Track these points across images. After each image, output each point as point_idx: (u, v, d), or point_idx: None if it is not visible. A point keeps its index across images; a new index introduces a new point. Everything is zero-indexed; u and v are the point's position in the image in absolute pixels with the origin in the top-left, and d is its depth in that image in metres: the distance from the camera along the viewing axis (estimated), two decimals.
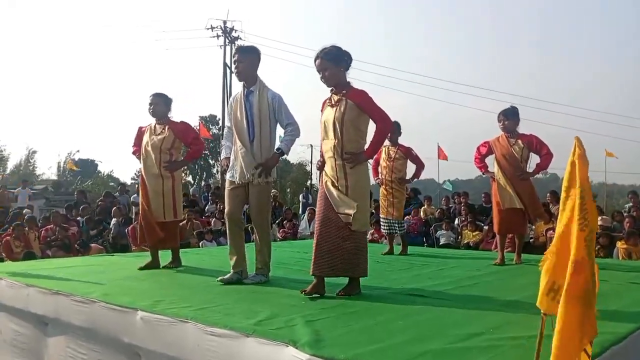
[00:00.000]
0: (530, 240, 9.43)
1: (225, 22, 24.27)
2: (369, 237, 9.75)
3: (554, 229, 8.93)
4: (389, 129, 3.67)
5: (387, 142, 6.21)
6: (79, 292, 3.58)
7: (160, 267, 4.82)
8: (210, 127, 36.87)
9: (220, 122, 27.63)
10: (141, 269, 4.71)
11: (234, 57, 4.06)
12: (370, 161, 4.23)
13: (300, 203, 15.27)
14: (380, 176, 6.35)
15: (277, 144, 4.02)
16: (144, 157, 4.79)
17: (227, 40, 24.17)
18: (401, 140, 6.33)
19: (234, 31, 24.16)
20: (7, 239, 7.65)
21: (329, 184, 3.49)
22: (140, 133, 4.94)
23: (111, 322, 3.27)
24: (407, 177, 6.38)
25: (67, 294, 3.60)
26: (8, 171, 41.90)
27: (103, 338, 3.34)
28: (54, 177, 40.80)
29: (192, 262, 5.24)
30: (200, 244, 9.64)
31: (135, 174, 36.60)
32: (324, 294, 3.44)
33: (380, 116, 3.47)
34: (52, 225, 8.90)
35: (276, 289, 3.78)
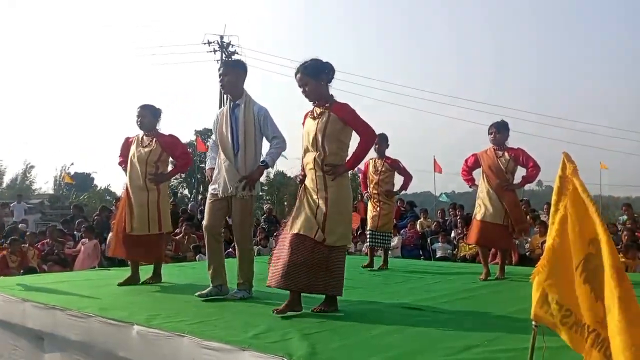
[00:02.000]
0: (527, 253, 9.46)
1: (222, 37, 24.47)
2: (364, 249, 9.77)
3: None
4: (373, 142, 3.60)
5: (374, 155, 6.21)
6: (75, 307, 3.57)
7: (140, 282, 4.72)
8: (207, 141, 36.89)
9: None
10: (120, 284, 4.60)
11: (219, 70, 4.02)
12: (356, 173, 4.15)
13: None
14: (368, 189, 6.29)
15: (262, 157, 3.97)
16: (130, 168, 4.72)
17: (223, 55, 24.32)
18: (397, 153, 6.38)
19: (230, 46, 24.36)
20: (3, 253, 7.61)
21: (308, 195, 3.43)
22: (127, 144, 4.87)
23: (107, 337, 3.27)
24: (395, 189, 6.33)
25: (63, 309, 3.59)
26: (4, 185, 41.86)
27: (99, 353, 3.34)
28: (51, 191, 40.66)
29: (188, 276, 5.24)
30: (197, 257, 9.62)
31: None
32: (300, 311, 3.34)
33: (364, 129, 3.43)
34: (48, 240, 8.88)
35: (272, 302, 3.72)
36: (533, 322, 1.91)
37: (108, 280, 4.90)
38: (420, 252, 11.06)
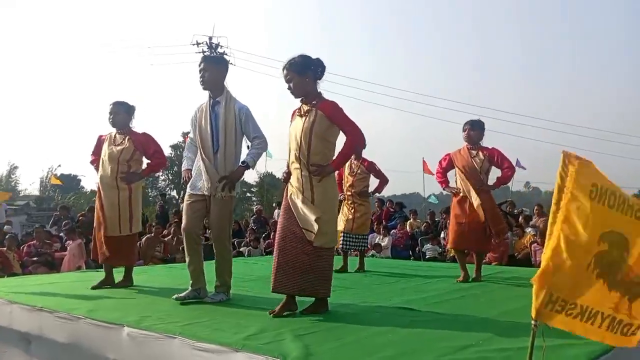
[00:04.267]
0: (515, 254, 9.51)
1: (210, 38, 24.36)
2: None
3: (537, 242, 9.03)
4: (359, 141, 3.50)
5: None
6: (63, 309, 3.51)
7: (114, 285, 4.63)
8: None
9: None
10: (94, 288, 4.50)
11: (200, 65, 3.82)
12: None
13: None
14: (343, 191, 6.15)
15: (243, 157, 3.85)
16: (101, 167, 4.62)
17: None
18: (386, 154, 6.33)
19: (219, 47, 24.24)
20: None
21: (294, 196, 3.38)
22: (100, 142, 4.76)
23: (96, 339, 3.22)
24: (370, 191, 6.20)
25: (51, 311, 3.53)
26: None
27: (88, 355, 3.28)
28: (37, 193, 40.20)
29: (177, 278, 5.18)
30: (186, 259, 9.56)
31: None
32: (296, 310, 3.35)
33: (351, 128, 3.36)
34: (35, 242, 8.75)
35: (265, 303, 3.68)
36: (533, 322, 1.91)
37: (95, 282, 4.82)
38: (410, 253, 11.09)
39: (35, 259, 8.38)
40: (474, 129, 5.21)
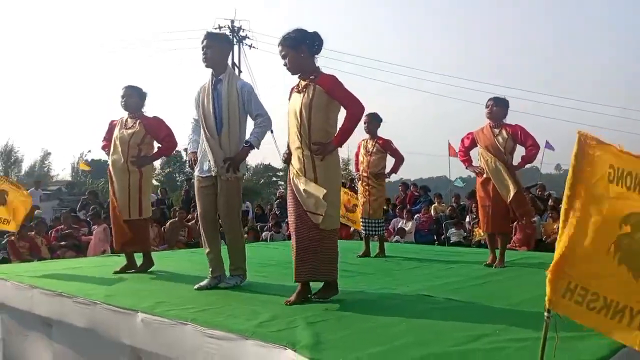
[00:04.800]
0: (543, 239, 9.31)
1: (232, 22, 24.39)
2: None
3: None
4: (360, 114, 3.32)
5: (366, 136, 6.00)
6: (81, 294, 3.55)
7: (136, 269, 4.67)
8: None
9: None
10: (116, 272, 4.55)
11: (202, 42, 3.72)
12: (346, 153, 3.86)
13: None
14: (358, 171, 6.07)
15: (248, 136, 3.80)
16: (112, 151, 4.62)
17: (234, 40, 24.20)
18: (412, 137, 6.18)
19: (241, 30, 24.21)
20: (11, 239, 7.69)
21: (296, 178, 3.27)
22: (111, 127, 4.75)
23: (112, 324, 3.25)
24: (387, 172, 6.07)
25: (70, 296, 3.58)
26: (23, 172, 42.46)
27: (105, 340, 3.32)
28: (69, 178, 41.17)
29: (199, 264, 5.20)
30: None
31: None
32: (310, 296, 3.32)
33: (351, 101, 3.22)
34: (62, 226, 8.94)
35: (282, 290, 3.64)
36: (546, 313, 1.81)
37: (117, 266, 4.87)
38: (435, 238, 10.96)
39: (62, 243, 8.56)
40: (498, 105, 5.03)
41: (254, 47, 24.89)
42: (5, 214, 4.81)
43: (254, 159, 40.93)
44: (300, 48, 3.27)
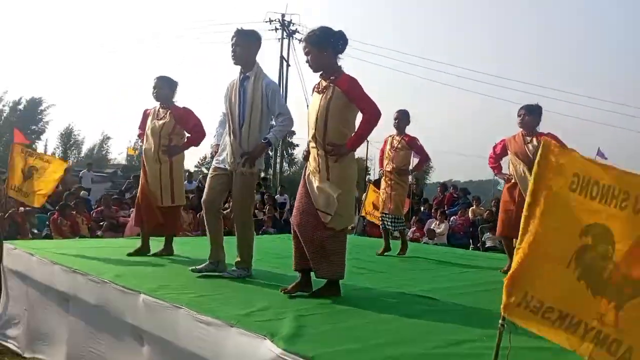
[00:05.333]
0: None
1: (283, 16, 24.49)
2: (410, 235, 9.59)
3: None
4: (376, 119, 3.27)
5: (393, 132, 5.97)
6: (94, 272, 3.71)
7: (150, 253, 4.79)
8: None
9: None
10: (130, 255, 4.67)
11: (232, 39, 3.80)
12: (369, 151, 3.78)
13: None
14: (383, 167, 6.05)
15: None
16: (145, 141, 4.77)
17: (284, 34, 24.39)
18: (464, 139, 6.04)
19: (291, 24, 24.36)
20: (54, 217, 8.09)
21: (311, 175, 3.30)
22: (145, 116, 4.88)
23: (119, 303, 3.38)
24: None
25: (84, 274, 3.74)
26: (83, 154, 44.42)
27: (112, 317, 3.46)
28: (124, 162, 42.77)
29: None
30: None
31: (198, 161, 37.84)
32: (310, 291, 3.31)
33: (367, 106, 3.21)
34: (102, 207, 9.33)
35: (286, 281, 3.64)
36: (500, 321, 1.79)
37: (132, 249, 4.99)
38: (470, 242, 10.74)
39: (101, 223, 8.93)
40: (530, 114, 4.94)
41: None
42: (29, 188, 5.05)
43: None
44: (324, 46, 3.27)
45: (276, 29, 24.32)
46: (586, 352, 1.64)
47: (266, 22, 24.44)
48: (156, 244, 4.90)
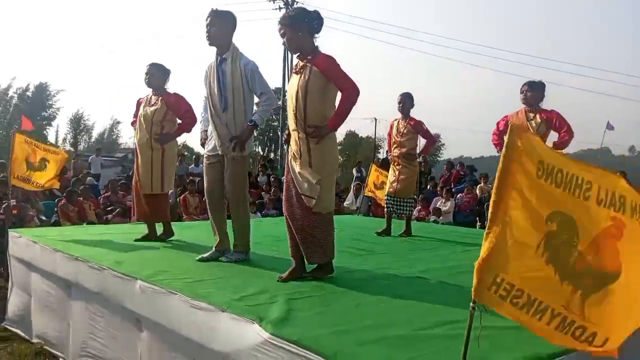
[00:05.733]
0: None
1: None
2: (415, 214, 9.58)
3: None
4: (355, 96, 3.20)
5: (398, 115, 5.97)
6: (94, 259, 3.78)
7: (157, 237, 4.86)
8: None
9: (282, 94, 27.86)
10: (137, 240, 4.73)
11: (206, 20, 3.71)
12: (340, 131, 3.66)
13: (354, 177, 15.22)
14: (391, 152, 6.07)
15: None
16: (138, 128, 4.78)
17: None
18: (484, 116, 6.00)
19: (296, 3, 24.01)
20: (61, 203, 8.19)
21: (292, 160, 3.30)
22: (139, 105, 4.89)
23: (118, 289, 3.44)
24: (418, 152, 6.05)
25: (85, 260, 3.81)
26: (93, 139, 44.64)
27: (112, 303, 3.53)
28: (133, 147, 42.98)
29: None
30: (258, 214, 9.81)
31: None
32: (303, 275, 3.35)
33: (345, 82, 3.16)
34: (109, 193, 9.41)
35: (283, 265, 3.58)
36: (471, 304, 1.81)
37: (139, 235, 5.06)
38: (477, 219, 10.71)
39: (109, 209, 9.02)
40: (532, 90, 4.96)
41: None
42: (39, 179, 5.14)
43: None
44: (299, 27, 3.24)
45: (280, 8, 23.97)
46: (551, 336, 1.67)
47: (269, 1, 24.13)
48: (162, 229, 4.96)
